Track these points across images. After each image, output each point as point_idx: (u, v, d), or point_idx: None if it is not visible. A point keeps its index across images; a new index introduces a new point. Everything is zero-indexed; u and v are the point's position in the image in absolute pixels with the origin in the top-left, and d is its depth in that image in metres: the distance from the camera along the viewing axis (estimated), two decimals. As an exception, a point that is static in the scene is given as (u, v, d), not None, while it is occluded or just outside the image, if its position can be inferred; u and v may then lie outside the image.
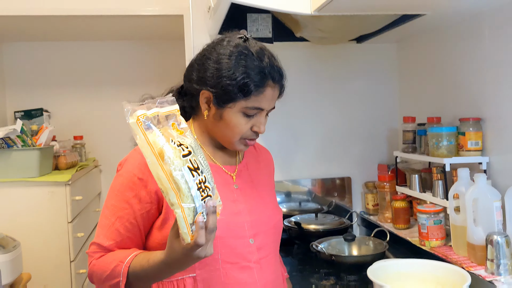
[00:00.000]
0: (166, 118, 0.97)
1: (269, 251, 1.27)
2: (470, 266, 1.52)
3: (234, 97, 1.18)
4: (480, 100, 1.79)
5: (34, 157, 2.57)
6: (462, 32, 1.88)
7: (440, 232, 1.76)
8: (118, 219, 1.16)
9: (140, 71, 3.54)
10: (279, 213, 1.35)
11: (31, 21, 2.81)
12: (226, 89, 1.17)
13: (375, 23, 1.95)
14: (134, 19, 2.84)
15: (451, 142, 1.78)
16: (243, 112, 1.19)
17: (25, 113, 3.32)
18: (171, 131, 0.96)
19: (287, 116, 2.39)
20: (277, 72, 1.21)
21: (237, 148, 1.26)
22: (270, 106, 1.23)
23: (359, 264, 1.75)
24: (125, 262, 1.09)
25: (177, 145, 0.94)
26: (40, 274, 2.50)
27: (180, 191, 0.92)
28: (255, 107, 1.19)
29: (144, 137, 0.92)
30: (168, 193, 0.92)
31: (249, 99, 1.18)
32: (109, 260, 1.13)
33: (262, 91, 1.18)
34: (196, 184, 0.94)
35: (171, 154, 0.92)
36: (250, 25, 2.26)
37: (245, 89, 1.16)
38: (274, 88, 1.21)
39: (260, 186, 1.34)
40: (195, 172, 0.94)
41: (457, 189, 1.65)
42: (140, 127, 0.92)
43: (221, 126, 1.22)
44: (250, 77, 1.16)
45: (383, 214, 2.20)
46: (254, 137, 1.24)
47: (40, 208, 2.55)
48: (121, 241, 1.16)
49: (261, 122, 1.22)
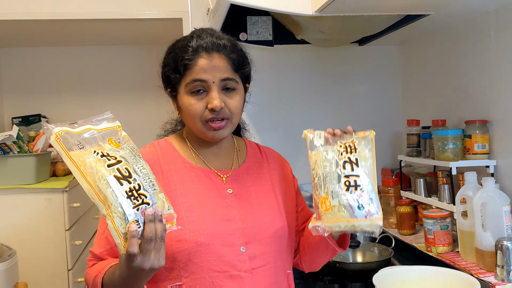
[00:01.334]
0: (103, 135, 0.98)
1: (267, 261, 1.20)
2: (479, 273, 1.47)
3: (174, 80, 1.20)
4: (487, 102, 1.75)
5: (30, 164, 2.53)
6: (467, 33, 1.84)
7: (447, 237, 1.72)
8: (107, 227, 1.16)
9: (139, 76, 3.51)
10: (281, 220, 1.26)
11: (28, 26, 2.78)
12: (167, 76, 1.22)
13: (378, 24, 1.91)
14: (132, 23, 2.81)
15: (457, 145, 1.74)
16: (188, 91, 1.18)
17: (23, 119, 3.29)
18: (105, 145, 0.97)
19: (288, 120, 2.35)
20: (211, 42, 1.19)
21: (208, 136, 1.20)
22: (214, 76, 1.16)
23: (364, 271, 1.70)
24: (101, 273, 1.11)
25: (100, 156, 0.94)
26: (37, 283, 2.45)
27: (107, 201, 0.91)
28: (193, 80, 1.17)
29: (65, 152, 0.93)
30: (98, 205, 0.92)
31: (185, 76, 1.18)
32: (94, 270, 1.15)
33: (195, 63, 1.17)
34: (125, 192, 0.92)
35: (93, 164, 0.92)
36: (250, 28, 2.23)
37: (177, 67, 1.18)
38: (210, 58, 1.17)
39: (260, 192, 1.27)
40: (124, 181, 0.93)
41: (465, 193, 1.61)
42: (60, 143, 0.93)
43: (184, 117, 1.23)
44: (178, 55, 1.18)
45: (387, 220, 2.15)
46: (213, 115, 1.17)
47: (37, 215, 2.51)
48: (110, 248, 1.17)
49: (212, 96, 1.16)
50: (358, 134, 1.12)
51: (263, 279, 1.18)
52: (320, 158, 1.09)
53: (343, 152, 1.08)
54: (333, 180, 1.05)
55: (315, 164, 1.10)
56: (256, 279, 1.17)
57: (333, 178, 1.06)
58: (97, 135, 0.97)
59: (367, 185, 1.05)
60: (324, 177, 1.07)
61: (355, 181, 1.05)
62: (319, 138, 1.12)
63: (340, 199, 1.04)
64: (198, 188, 1.20)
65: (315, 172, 1.10)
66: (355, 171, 1.05)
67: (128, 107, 3.41)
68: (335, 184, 1.05)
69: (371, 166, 1.08)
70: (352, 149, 1.08)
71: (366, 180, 1.05)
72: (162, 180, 1.19)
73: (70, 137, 0.94)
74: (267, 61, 2.32)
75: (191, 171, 1.22)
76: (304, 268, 1.38)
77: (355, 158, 1.07)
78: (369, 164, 1.07)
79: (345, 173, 1.05)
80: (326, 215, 1.06)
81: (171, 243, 1.13)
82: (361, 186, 1.04)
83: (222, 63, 1.18)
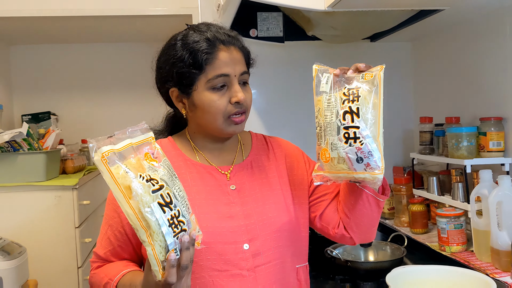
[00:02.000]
0: (138, 149, 0.94)
1: (272, 257, 1.17)
2: (494, 273, 1.45)
3: (192, 77, 1.14)
4: (502, 99, 1.72)
5: (40, 161, 2.53)
6: (482, 29, 1.81)
7: (461, 236, 1.69)
8: (109, 227, 1.19)
9: (149, 73, 3.47)
10: (288, 215, 1.21)
11: (38, 23, 2.78)
12: (182, 73, 1.15)
13: (390, 20, 1.89)
14: (142, 20, 2.79)
15: (471, 142, 1.71)
16: (209, 87, 1.14)
17: (33, 117, 3.29)
18: (143, 163, 0.93)
19: (298, 117, 2.33)
20: (224, 34, 1.16)
21: (228, 131, 1.17)
22: (235, 70, 1.15)
23: (376, 270, 1.68)
24: (113, 280, 1.10)
25: (146, 180, 0.90)
26: (47, 280, 2.45)
27: (150, 229, 0.89)
28: (217, 75, 1.13)
29: (110, 174, 0.89)
30: (138, 230, 0.90)
31: (207, 71, 1.14)
32: (102, 275, 1.15)
33: (215, 57, 1.13)
34: (167, 220, 0.90)
35: (139, 191, 0.89)
36: (261, 24, 2.21)
37: (196, 63, 1.13)
38: (229, 51, 1.15)
39: (266, 186, 1.23)
40: (166, 208, 0.91)
41: (479, 191, 1.58)
42: (105, 164, 0.89)
43: (200, 115, 1.17)
44: (196, 49, 1.13)
45: (399, 218, 2.13)
46: (237, 109, 1.15)
47: (47, 213, 2.50)
48: (113, 249, 1.18)
49: (236, 90, 1.14)
50: (366, 77, 1.05)
51: (267, 277, 1.15)
52: (323, 107, 1.05)
53: (346, 101, 1.02)
54: (332, 131, 1.03)
55: (318, 113, 1.07)
56: (260, 277, 1.14)
57: (333, 129, 1.03)
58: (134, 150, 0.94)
59: (367, 137, 1.01)
60: (325, 127, 1.04)
61: (354, 133, 1.01)
62: (325, 84, 1.07)
63: (339, 152, 1.02)
64: (200, 186, 1.18)
65: (317, 121, 1.07)
66: (355, 122, 1.01)
67: (137, 105, 3.40)
68: (335, 135, 1.02)
69: (375, 113, 1.02)
70: (355, 96, 1.02)
71: (366, 131, 1.01)
72: None
73: (114, 155, 0.91)
74: (278, 58, 2.30)
75: (192, 168, 1.21)
76: (355, 239, 1.25)
77: (356, 107, 1.01)
78: (372, 111, 1.02)
79: (345, 124, 1.01)
80: (326, 166, 1.05)
81: None
82: (361, 138, 1.01)
83: (239, 56, 1.17)
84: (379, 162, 1.01)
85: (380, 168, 1.01)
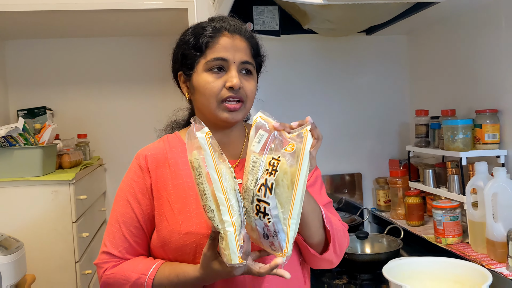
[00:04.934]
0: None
1: None
2: (490, 264, 1.46)
3: (192, 58, 1.18)
4: (497, 91, 1.73)
5: (37, 156, 2.52)
6: (477, 21, 1.82)
7: (457, 228, 1.70)
8: (122, 224, 1.18)
9: (144, 68, 3.48)
10: None
11: (33, 17, 2.76)
12: (184, 54, 1.20)
13: (386, 13, 1.89)
14: (137, 14, 2.78)
15: (467, 135, 1.72)
16: (207, 68, 1.16)
17: (28, 112, 3.27)
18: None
19: (294, 110, 2.33)
20: (231, 23, 1.19)
21: (222, 117, 1.16)
22: (234, 57, 1.15)
23: (373, 262, 1.69)
24: (148, 274, 1.11)
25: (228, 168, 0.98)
26: (44, 275, 2.45)
27: (233, 209, 0.92)
28: (214, 58, 1.14)
29: (210, 152, 0.93)
30: (219, 209, 0.92)
31: (206, 54, 1.16)
32: (128, 272, 1.14)
33: (217, 41, 1.16)
34: (242, 206, 0.95)
35: (228, 176, 0.95)
36: (257, 18, 2.21)
37: (197, 45, 1.16)
38: (232, 38, 1.17)
39: None
40: (238, 196, 0.96)
41: (475, 183, 1.59)
42: (208, 143, 0.93)
43: (198, 97, 1.18)
44: (200, 33, 1.17)
45: (395, 211, 2.14)
46: (231, 94, 1.14)
47: (44, 207, 2.50)
48: (129, 246, 1.18)
49: (232, 75, 1.14)
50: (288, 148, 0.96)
51: None
52: (247, 167, 0.98)
53: (266, 172, 0.95)
54: (249, 198, 0.97)
55: (245, 169, 0.99)
56: None
57: (249, 196, 0.97)
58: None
59: (275, 217, 0.94)
60: (244, 190, 0.98)
61: (264, 208, 0.94)
62: (257, 143, 0.99)
63: (250, 221, 0.97)
64: None
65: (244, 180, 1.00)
66: (267, 198, 0.94)
67: (133, 99, 3.39)
68: (249, 203, 0.97)
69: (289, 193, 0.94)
70: (274, 169, 0.94)
71: (275, 211, 0.94)
72: (170, 174, 1.18)
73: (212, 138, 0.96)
74: (274, 51, 2.26)
75: None
76: None
77: (271, 182, 0.94)
78: (287, 191, 0.94)
79: (259, 196, 0.95)
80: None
81: (179, 236, 1.11)
82: (269, 216, 0.94)
83: (243, 45, 1.18)
84: (283, 244, 0.95)
85: (282, 252, 0.95)
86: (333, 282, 1.72)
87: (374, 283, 1.68)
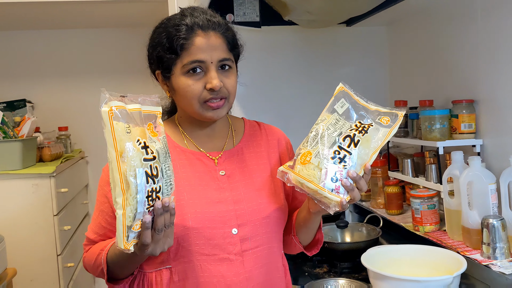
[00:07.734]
0: (144, 117, 0.96)
1: (260, 242, 1.18)
2: (465, 251, 1.49)
3: (169, 61, 1.16)
4: (473, 82, 1.76)
5: (16, 149, 2.50)
6: (454, 13, 1.84)
7: (434, 216, 1.74)
8: (100, 213, 1.21)
9: (125, 60, 3.46)
10: (277, 202, 1.23)
11: (10, 9, 2.72)
12: (160, 57, 1.17)
13: (366, 4, 1.91)
14: (116, 5, 2.76)
15: (444, 125, 1.75)
16: (184, 72, 1.14)
17: (8, 105, 3.23)
18: (145, 131, 0.95)
19: (276, 101, 2.35)
20: (205, 19, 1.16)
21: (206, 116, 1.17)
22: (211, 57, 1.14)
23: (353, 250, 1.72)
24: (105, 250, 1.14)
25: (141, 147, 0.92)
26: (26, 268, 2.44)
27: (128, 192, 0.90)
28: (191, 61, 1.13)
29: (111, 128, 0.90)
30: (115, 189, 0.91)
31: (182, 57, 1.14)
32: (94, 250, 1.19)
33: (192, 42, 1.13)
34: (147, 191, 0.92)
35: (130, 153, 0.91)
36: (237, 9, 2.21)
37: (172, 48, 1.14)
38: (207, 36, 1.14)
39: (256, 172, 1.24)
40: (150, 179, 0.93)
41: (451, 172, 1.62)
42: (110, 118, 0.91)
43: (179, 99, 1.19)
44: (173, 34, 1.14)
45: (375, 200, 2.17)
46: (212, 95, 1.14)
47: (25, 201, 2.48)
48: (104, 234, 1.21)
49: (212, 76, 1.13)
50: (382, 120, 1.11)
51: (254, 261, 1.17)
52: (330, 121, 1.10)
53: (354, 130, 1.08)
54: (327, 143, 1.06)
55: (322, 121, 1.10)
56: (247, 261, 1.16)
57: (329, 142, 1.06)
58: (140, 116, 0.96)
59: (351, 167, 1.05)
60: (322, 136, 1.07)
61: (344, 156, 1.04)
62: (340, 107, 1.13)
63: (321, 162, 1.04)
64: (188, 172, 1.19)
65: (316, 127, 1.10)
66: (350, 148, 1.05)
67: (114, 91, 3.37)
68: (327, 147, 1.05)
69: (367, 153, 1.07)
70: (364, 130, 1.07)
71: (354, 161, 1.05)
72: None
73: (121, 112, 0.92)
74: (255, 43, 2.30)
75: (181, 154, 1.21)
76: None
77: (358, 139, 1.06)
78: (366, 152, 1.07)
79: (342, 144, 1.06)
80: (300, 167, 1.06)
81: None
82: (346, 164, 1.04)
83: (218, 41, 1.16)
84: (346, 195, 1.05)
85: (345, 198, 1.04)
86: (314, 271, 1.74)
87: (354, 271, 1.71)
